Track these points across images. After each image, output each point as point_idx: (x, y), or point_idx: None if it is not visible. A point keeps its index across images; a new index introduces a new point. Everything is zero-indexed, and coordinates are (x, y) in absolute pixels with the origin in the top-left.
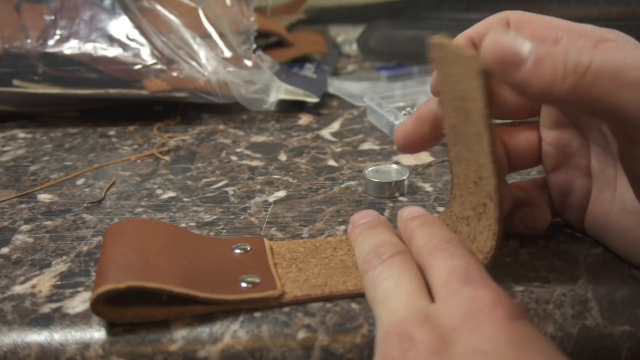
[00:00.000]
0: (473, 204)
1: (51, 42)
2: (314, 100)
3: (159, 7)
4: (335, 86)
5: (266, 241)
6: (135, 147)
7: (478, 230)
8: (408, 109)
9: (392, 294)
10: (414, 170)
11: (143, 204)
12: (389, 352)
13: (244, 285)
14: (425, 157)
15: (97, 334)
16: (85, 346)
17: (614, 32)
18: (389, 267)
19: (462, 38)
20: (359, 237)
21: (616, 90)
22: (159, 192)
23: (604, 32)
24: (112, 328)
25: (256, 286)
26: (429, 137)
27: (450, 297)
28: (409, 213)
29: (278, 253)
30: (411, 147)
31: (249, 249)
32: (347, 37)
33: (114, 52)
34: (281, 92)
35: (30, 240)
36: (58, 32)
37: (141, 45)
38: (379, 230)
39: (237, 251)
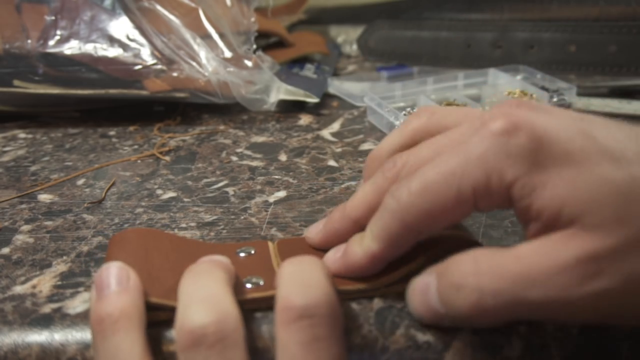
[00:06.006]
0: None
1: (51, 42)
2: (314, 100)
3: (159, 7)
4: (335, 86)
5: (270, 244)
6: (135, 147)
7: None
8: (408, 109)
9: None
10: None
11: (143, 204)
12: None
13: (248, 286)
14: None
15: None
16: (86, 346)
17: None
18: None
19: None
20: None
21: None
22: (159, 192)
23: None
24: None
25: (260, 287)
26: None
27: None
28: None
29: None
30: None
31: (252, 252)
32: (347, 37)
33: (114, 52)
34: (281, 92)
35: (31, 240)
36: (58, 32)
37: (141, 45)
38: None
39: (242, 254)
